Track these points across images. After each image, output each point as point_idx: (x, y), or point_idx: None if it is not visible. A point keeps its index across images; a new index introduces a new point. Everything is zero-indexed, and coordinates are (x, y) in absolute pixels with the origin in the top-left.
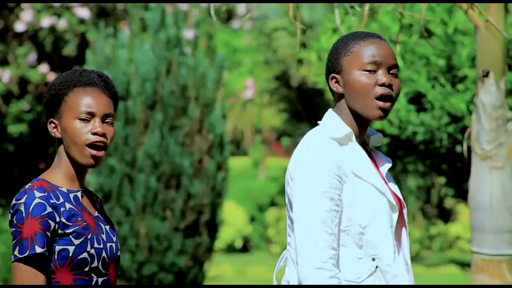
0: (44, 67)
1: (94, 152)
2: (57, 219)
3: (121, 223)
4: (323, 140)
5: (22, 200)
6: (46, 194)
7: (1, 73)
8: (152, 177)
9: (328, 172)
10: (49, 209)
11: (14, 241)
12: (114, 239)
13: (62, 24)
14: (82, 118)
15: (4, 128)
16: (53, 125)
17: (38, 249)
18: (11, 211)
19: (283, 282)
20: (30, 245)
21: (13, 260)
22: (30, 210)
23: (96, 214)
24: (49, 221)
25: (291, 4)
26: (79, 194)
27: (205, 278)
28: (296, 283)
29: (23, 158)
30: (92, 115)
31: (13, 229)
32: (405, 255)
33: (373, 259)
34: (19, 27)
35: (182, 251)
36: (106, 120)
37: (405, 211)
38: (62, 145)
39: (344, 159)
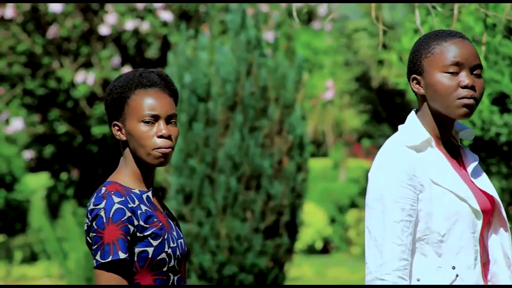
0: (127, 69)
1: (161, 152)
2: (136, 223)
3: (202, 224)
4: (398, 149)
5: (102, 206)
6: (123, 198)
7: (85, 76)
8: (232, 178)
9: (399, 182)
10: (128, 214)
11: (95, 246)
12: (181, 234)
13: (145, 26)
14: (147, 121)
15: (88, 130)
16: (117, 128)
17: (122, 255)
18: (89, 216)
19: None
20: (112, 251)
21: (95, 265)
22: (110, 216)
23: (165, 211)
24: (129, 225)
25: (372, 5)
26: (150, 194)
27: (286, 279)
28: None
29: (106, 159)
30: (156, 117)
31: (93, 234)
32: (506, 251)
33: (453, 268)
34: (103, 30)
35: (262, 252)
36: (170, 121)
37: (501, 209)
38: (127, 147)
39: (420, 167)
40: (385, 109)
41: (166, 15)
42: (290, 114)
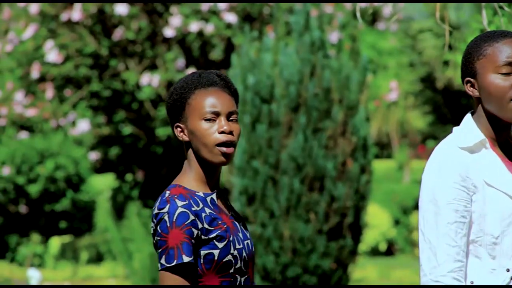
0: (191, 71)
1: (224, 149)
2: (200, 226)
3: (265, 225)
4: (451, 150)
5: (165, 210)
6: (187, 202)
7: (150, 78)
8: (295, 180)
9: (452, 184)
10: (191, 217)
11: (160, 249)
12: (248, 235)
13: (209, 28)
14: (208, 118)
15: (153, 131)
16: (179, 129)
17: (186, 258)
18: (154, 220)
19: None
20: (177, 255)
21: (160, 268)
22: (174, 220)
23: (231, 213)
24: (193, 229)
25: (438, 5)
26: (214, 196)
27: (349, 280)
28: None
29: (171, 161)
30: (217, 114)
31: (158, 238)
32: None
33: (508, 270)
34: (168, 32)
35: (326, 253)
36: (231, 118)
37: None
38: (190, 149)
39: (474, 168)
40: (450, 110)
41: (230, 17)
42: (354, 115)
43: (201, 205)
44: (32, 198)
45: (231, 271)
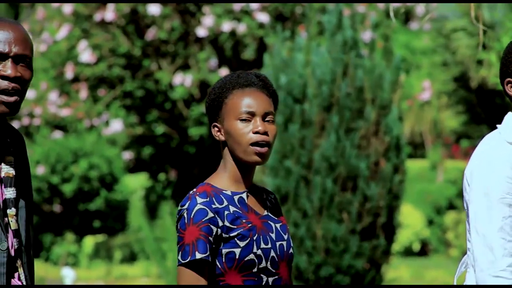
0: (224, 71)
1: (258, 149)
2: (220, 224)
3: (298, 225)
4: (500, 144)
5: (185, 206)
6: (208, 199)
7: (183, 77)
8: (328, 179)
9: (505, 178)
10: (210, 214)
11: (178, 245)
12: (285, 236)
13: (241, 28)
14: (243, 119)
15: (185, 131)
16: (216, 128)
17: (199, 255)
18: (177, 217)
19: None
20: (191, 251)
21: (177, 264)
22: (191, 216)
23: (265, 213)
24: (211, 226)
25: (472, 4)
26: (244, 195)
27: (383, 280)
28: None
29: (203, 160)
30: (252, 114)
31: (178, 234)
32: None
33: None
34: (201, 32)
35: (359, 253)
36: (267, 119)
37: None
38: (226, 148)
39: None
40: (484, 110)
41: (263, 17)
42: (387, 115)
43: (225, 203)
44: (66, 197)
45: (254, 270)
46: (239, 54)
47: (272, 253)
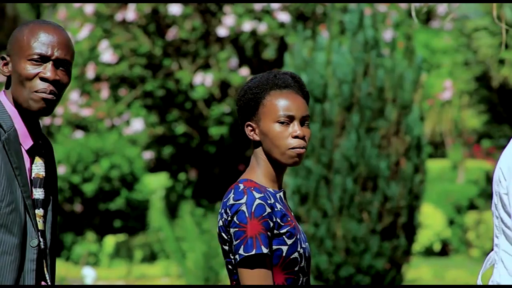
0: (244, 71)
1: (296, 152)
2: (274, 219)
3: (318, 225)
4: None
5: (243, 201)
6: (263, 195)
7: (203, 77)
8: (348, 179)
9: None
10: (268, 210)
11: (238, 240)
12: (304, 237)
13: (262, 28)
14: (282, 122)
15: (206, 131)
16: (250, 128)
17: (264, 249)
18: (229, 212)
19: (491, 284)
20: (255, 245)
21: (238, 259)
22: (252, 210)
23: (292, 213)
24: (269, 221)
25: (494, 4)
26: (282, 194)
27: (403, 280)
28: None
29: (223, 160)
30: (291, 118)
31: (235, 229)
32: None
33: None
34: (221, 31)
35: (379, 253)
36: (304, 122)
37: None
38: (260, 147)
39: None
40: (505, 110)
41: (283, 16)
42: (408, 114)
43: (272, 200)
44: (87, 197)
45: (296, 269)
46: (260, 53)
47: (307, 253)
